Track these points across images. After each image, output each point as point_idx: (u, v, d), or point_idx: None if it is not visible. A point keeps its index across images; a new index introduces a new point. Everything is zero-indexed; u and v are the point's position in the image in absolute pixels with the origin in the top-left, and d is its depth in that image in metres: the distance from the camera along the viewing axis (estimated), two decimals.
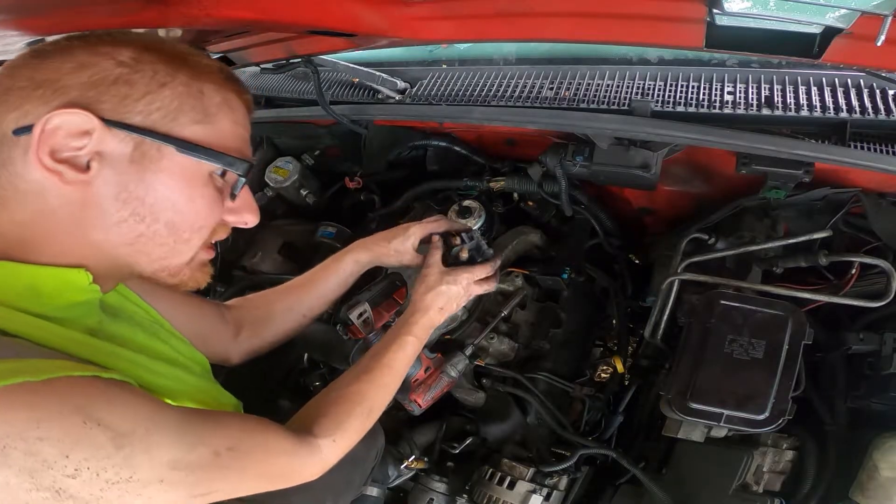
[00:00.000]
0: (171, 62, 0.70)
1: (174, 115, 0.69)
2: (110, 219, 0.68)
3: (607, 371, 1.39)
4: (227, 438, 0.71)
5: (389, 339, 1.05)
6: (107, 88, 0.65)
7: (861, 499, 0.99)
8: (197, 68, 0.72)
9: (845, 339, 1.13)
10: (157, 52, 0.70)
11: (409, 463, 1.36)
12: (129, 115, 0.66)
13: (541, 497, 1.20)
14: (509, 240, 1.54)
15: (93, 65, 0.66)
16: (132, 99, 0.66)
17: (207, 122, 0.72)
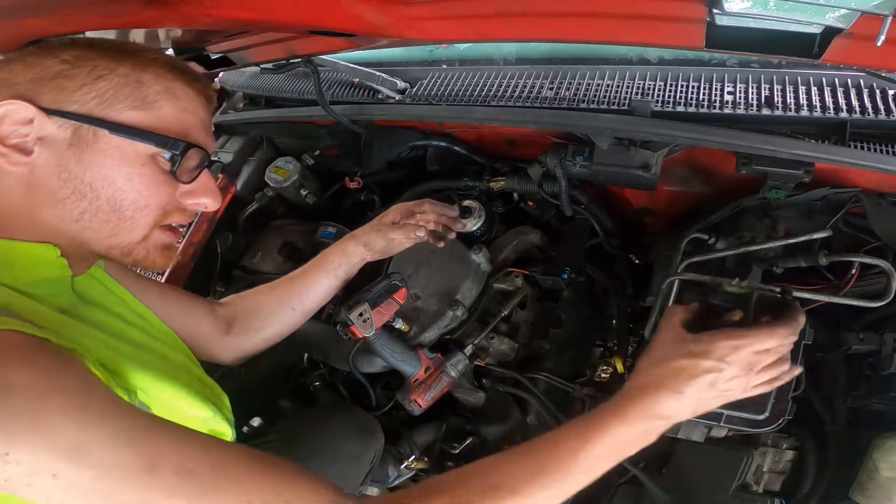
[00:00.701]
0: (112, 57, 0.77)
1: (109, 102, 0.75)
2: (55, 196, 0.74)
3: (607, 371, 1.39)
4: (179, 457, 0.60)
5: (585, 425, 0.75)
6: (48, 82, 0.74)
7: (861, 499, 0.99)
8: (139, 60, 0.78)
9: (845, 339, 1.13)
10: (101, 49, 0.77)
11: (409, 463, 1.37)
12: (67, 103, 0.74)
13: None
14: (509, 240, 1.55)
15: (38, 63, 0.75)
16: (70, 90, 0.74)
17: (145, 109, 0.77)
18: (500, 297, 1.50)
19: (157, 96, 0.79)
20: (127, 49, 0.79)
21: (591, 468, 0.74)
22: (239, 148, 1.85)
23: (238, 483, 0.62)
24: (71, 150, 0.74)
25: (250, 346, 1.18)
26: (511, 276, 1.49)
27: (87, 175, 0.75)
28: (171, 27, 1.01)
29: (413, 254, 1.53)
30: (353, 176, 1.73)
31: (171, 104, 0.80)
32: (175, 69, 0.81)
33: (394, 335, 1.37)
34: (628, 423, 0.78)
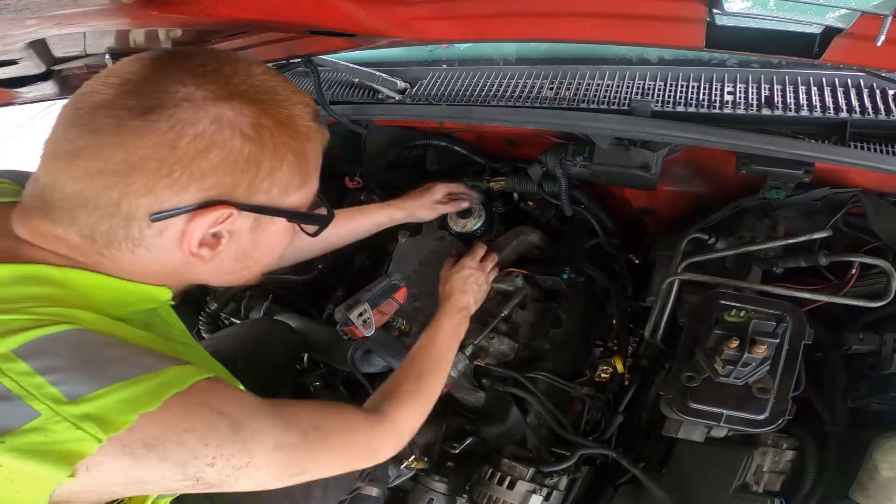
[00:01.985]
0: (282, 127, 0.72)
1: (286, 188, 0.74)
2: (223, 270, 0.78)
3: (607, 371, 1.39)
4: (310, 419, 0.81)
5: (433, 326, 1.20)
6: (240, 172, 0.69)
7: (861, 499, 0.99)
8: (300, 132, 0.74)
9: (845, 339, 1.13)
10: (270, 114, 0.71)
11: (409, 463, 1.36)
12: (256, 195, 0.72)
13: (541, 497, 1.21)
14: (509, 240, 1.54)
15: (217, 141, 0.67)
16: (259, 179, 0.71)
17: (306, 185, 0.78)
18: (500, 297, 1.50)
19: (314, 168, 0.78)
20: (285, 112, 0.73)
21: (447, 352, 1.18)
22: None
23: (335, 419, 0.87)
24: (251, 235, 0.76)
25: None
26: (511, 276, 1.49)
27: (258, 252, 0.78)
28: (171, 27, 1.01)
29: (413, 254, 1.53)
30: (353, 176, 1.72)
31: (318, 170, 0.80)
32: (321, 130, 0.79)
33: (394, 335, 1.37)
34: (450, 318, 1.22)
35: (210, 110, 0.66)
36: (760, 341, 0.99)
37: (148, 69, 0.67)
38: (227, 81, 0.68)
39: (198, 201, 0.67)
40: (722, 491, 1.03)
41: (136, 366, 0.64)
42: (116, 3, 0.76)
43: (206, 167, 0.66)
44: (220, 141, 0.66)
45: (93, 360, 0.62)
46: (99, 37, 1.02)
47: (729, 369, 1.01)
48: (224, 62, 0.71)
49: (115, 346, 0.66)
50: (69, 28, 0.84)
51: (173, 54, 0.70)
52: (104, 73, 0.69)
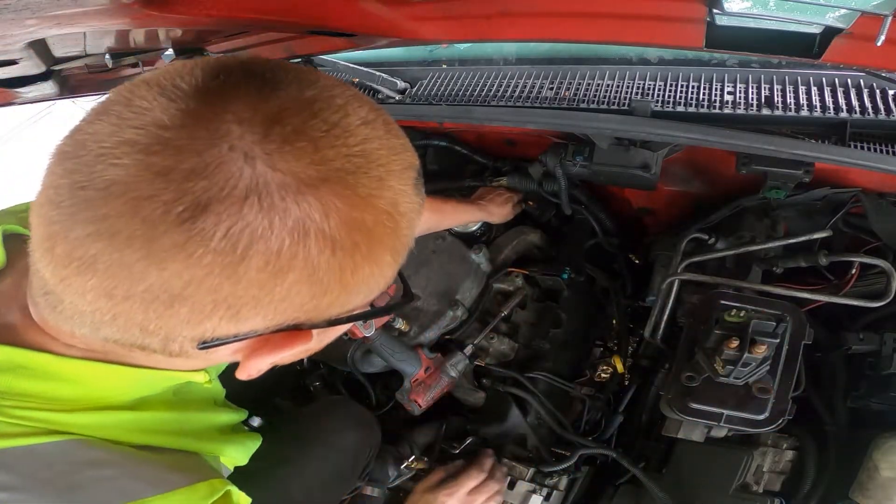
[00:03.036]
0: (384, 217, 0.49)
1: (372, 292, 0.55)
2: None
3: (607, 371, 1.39)
4: None
5: None
6: (322, 293, 0.48)
7: (861, 499, 0.99)
8: (403, 217, 0.51)
9: (845, 339, 1.13)
10: (369, 203, 0.47)
11: (409, 463, 1.36)
12: (336, 309, 0.52)
13: (541, 497, 1.20)
14: (509, 240, 1.55)
15: (297, 259, 0.45)
16: (346, 293, 0.51)
17: (393, 277, 0.58)
18: (500, 297, 1.50)
19: (407, 250, 0.57)
20: (393, 185, 0.49)
21: None
22: None
23: None
24: (314, 341, 0.57)
25: None
26: (511, 276, 1.49)
27: (315, 347, 0.60)
28: (171, 27, 1.01)
29: (413, 254, 1.52)
30: None
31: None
32: (420, 183, 0.55)
33: (394, 335, 1.37)
34: None
35: (291, 211, 0.43)
36: (760, 341, 0.99)
37: (192, 117, 0.42)
38: (317, 148, 0.44)
39: (264, 329, 0.49)
40: (722, 491, 1.03)
41: (114, 491, 0.53)
42: (116, 3, 0.76)
43: (280, 293, 0.46)
44: (302, 258, 0.45)
45: (61, 483, 0.51)
46: (99, 37, 1.02)
47: (729, 369, 1.01)
48: (311, 102, 0.45)
49: (100, 465, 0.54)
50: (69, 28, 0.84)
51: (233, 82, 0.44)
52: (121, 106, 0.43)
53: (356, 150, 0.46)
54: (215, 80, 0.44)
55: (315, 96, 0.45)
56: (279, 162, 0.42)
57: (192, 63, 0.46)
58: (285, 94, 0.44)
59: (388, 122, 0.50)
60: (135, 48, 1.17)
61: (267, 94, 0.44)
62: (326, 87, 0.47)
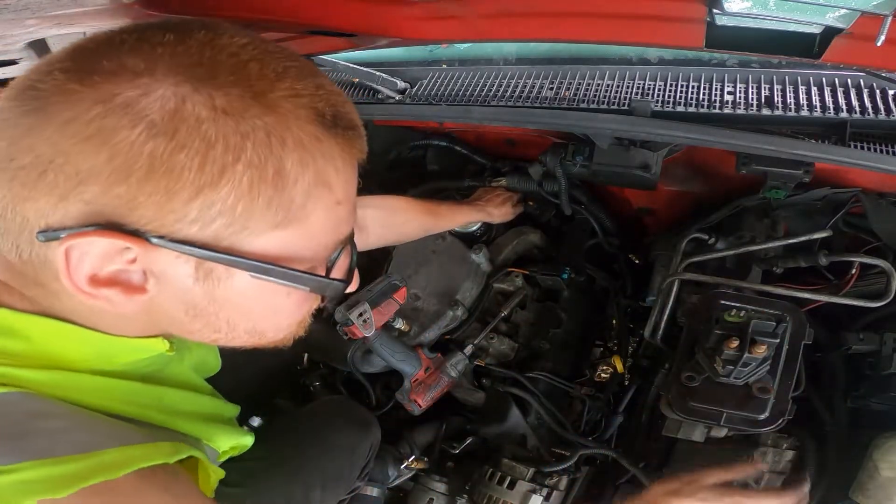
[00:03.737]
0: (235, 111, 0.46)
1: (241, 222, 0.49)
2: (183, 326, 0.58)
3: (607, 371, 1.39)
4: None
5: None
6: (139, 183, 0.45)
7: (861, 499, 0.99)
8: (277, 118, 0.48)
9: (845, 339, 1.13)
10: (225, 91, 0.46)
11: (409, 463, 1.37)
12: (176, 226, 0.47)
13: (541, 497, 1.20)
14: (509, 240, 1.55)
15: (107, 129, 0.44)
16: (178, 202, 0.46)
17: (290, 225, 0.51)
18: (500, 297, 1.50)
19: (306, 198, 0.51)
20: (251, 85, 0.48)
21: None
22: None
23: None
24: (198, 286, 0.53)
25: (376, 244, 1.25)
26: (511, 276, 1.49)
27: (223, 313, 0.56)
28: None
29: (413, 254, 1.53)
30: None
31: (322, 203, 0.52)
32: (325, 125, 0.51)
33: (394, 335, 1.37)
34: None
35: (136, 83, 0.45)
36: (760, 341, 0.99)
37: (109, 34, 0.49)
38: (199, 53, 0.48)
39: (79, 221, 0.46)
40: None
41: (66, 443, 0.51)
42: (116, 3, 0.76)
43: (86, 168, 0.44)
44: (112, 129, 0.43)
45: (10, 431, 0.50)
46: None
47: (729, 369, 1.01)
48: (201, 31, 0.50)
49: (51, 417, 0.53)
50: (69, 28, 0.84)
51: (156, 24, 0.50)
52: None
53: (230, 60, 0.49)
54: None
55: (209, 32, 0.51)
56: (157, 59, 0.47)
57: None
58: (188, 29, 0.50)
59: (291, 59, 0.52)
60: None
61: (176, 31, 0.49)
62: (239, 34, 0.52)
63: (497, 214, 1.49)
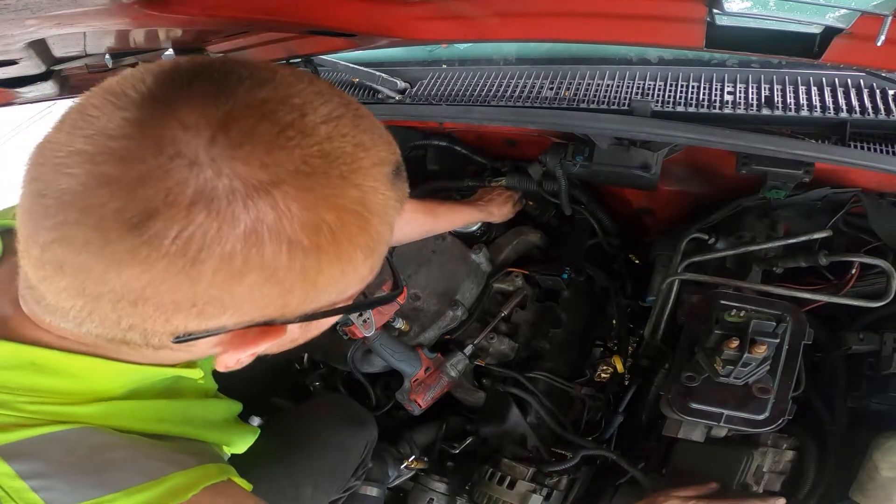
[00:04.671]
0: (350, 217, 0.48)
1: (349, 287, 0.55)
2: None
3: (607, 371, 1.39)
4: None
5: None
6: (288, 292, 0.48)
7: (861, 499, 0.99)
8: (374, 213, 0.50)
9: (845, 339, 1.13)
10: (333, 202, 0.47)
11: (409, 463, 1.37)
12: (310, 305, 0.52)
13: (541, 497, 1.20)
14: (509, 240, 1.55)
15: (253, 261, 0.45)
16: (316, 290, 0.50)
17: (374, 270, 0.56)
18: (500, 297, 1.50)
19: (387, 241, 0.56)
20: (362, 181, 0.48)
21: None
22: None
23: None
24: (299, 330, 0.60)
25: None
26: (511, 276, 1.49)
27: (304, 337, 0.63)
28: (171, 27, 1.01)
29: (413, 254, 1.53)
30: None
31: (391, 235, 0.57)
32: (399, 176, 0.54)
33: (394, 335, 1.37)
34: None
35: (240, 217, 0.43)
36: (760, 341, 0.99)
37: (137, 126, 0.42)
38: (269, 150, 0.43)
39: (234, 325, 0.50)
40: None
41: (136, 472, 0.56)
42: (116, 3, 0.76)
43: (241, 293, 0.46)
44: (258, 261, 0.45)
45: (86, 467, 0.54)
46: (99, 37, 1.02)
47: (729, 369, 1.01)
48: (262, 104, 0.44)
49: (113, 448, 0.57)
50: (69, 28, 0.84)
51: (181, 87, 0.44)
52: (76, 115, 0.45)
53: (314, 151, 0.45)
54: (163, 86, 0.44)
55: (267, 97, 0.45)
56: (225, 167, 0.42)
57: (146, 68, 0.46)
58: (235, 97, 0.44)
59: (357, 118, 0.49)
60: (135, 48, 1.17)
61: (215, 99, 0.43)
62: (282, 86, 0.46)
63: (498, 214, 1.49)
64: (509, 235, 1.56)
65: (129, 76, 0.46)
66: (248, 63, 0.48)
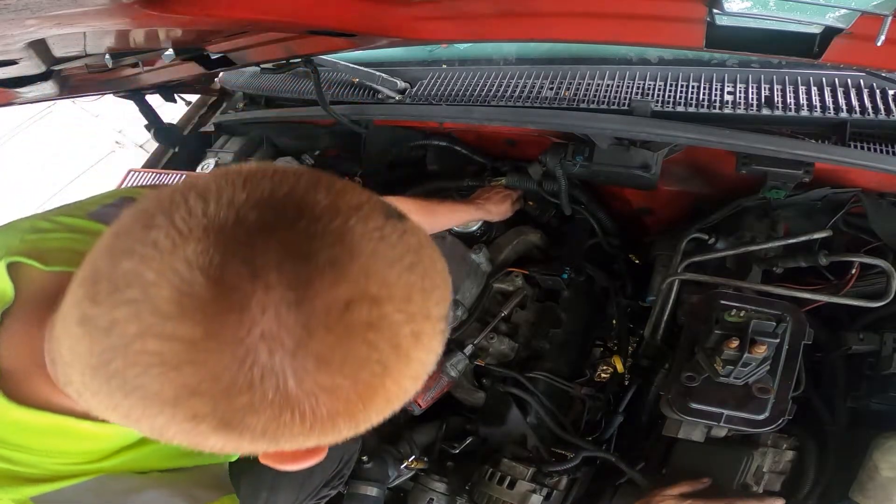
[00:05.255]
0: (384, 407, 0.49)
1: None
2: None
3: (607, 371, 1.39)
4: None
5: None
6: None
7: (861, 499, 0.99)
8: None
9: (845, 339, 1.13)
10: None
11: (409, 463, 1.36)
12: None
13: (541, 497, 1.20)
14: (509, 240, 1.55)
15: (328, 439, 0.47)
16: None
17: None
18: (500, 297, 1.50)
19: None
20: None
21: None
22: (239, 148, 1.85)
23: None
24: None
25: None
26: (511, 276, 1.49)
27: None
28: (171, 27, 1.01)
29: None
30: (353, 176, 1.72)
31: None
32: None
33: None
34: None
35: (318, 412, 0.44)
36: (760, 341, 0.99)
37: (214, 325, 0.40)
38: (343, 362, 0.44)
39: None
40: (722, 491, 1.03)
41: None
42: (116, 3, 0.76)
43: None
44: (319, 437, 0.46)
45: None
46: (99, 37, 1.02)
47: (729, 369, 1.01)
48: (346, 306, 0.42)
49: (141, 491, 0.63)
50: (69, 28, 0.84)
51: (250, 271, 0.41)
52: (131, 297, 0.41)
53: (382, 357, 0.44)
54: (231, 271, 0.40)
55: (351, 297, 0.42)
56: (308, 381, 0.42)
57: (203, 235, 0.41)
58: (314, 297, 0.41)
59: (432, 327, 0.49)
60: (135, 48, 1.17)
61: (292, 298, 0.40)
62: (364, 274, 0.43)
63: (496, 212, 1.49)
64: (509, 235, 1.56)
65: (184, 240, 0.41)
66: (328, 233, 0.43)
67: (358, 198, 0.46)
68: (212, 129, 2.03)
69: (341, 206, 0.44)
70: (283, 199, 0.44)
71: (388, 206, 0.48)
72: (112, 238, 0.44)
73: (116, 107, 4.35)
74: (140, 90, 1.80)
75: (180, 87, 1.90)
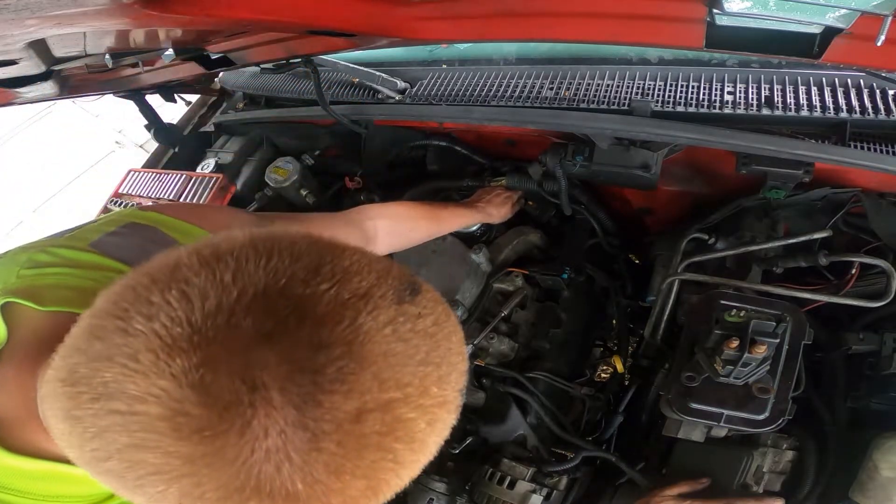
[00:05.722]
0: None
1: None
2: None
3: (607, 371, 1.39)
4: None
5: None
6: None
7: (861, 499, 0.99)
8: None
9: (845, 339, 1.13)
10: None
11: None
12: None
13: (541, 497, 1.20)
14: (509, 240, 1.55)
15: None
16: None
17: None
18: (500, 297, 1.50)
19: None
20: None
21: None
22: (239, 148, 1.85)
23: None
24: None
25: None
26: (511, 276, 1.49)
27: None
28: (171, 27, 1.01)
29: (413, 254, 1.53)
30: (353, 176, 1.72)
31: None
32: None
33: None
34: None
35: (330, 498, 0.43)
36: (760, 341, 0.99)
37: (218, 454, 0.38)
38: (356, 467, 0.42)
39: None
40: (722, 491, 1.03)
41: None
42: (116, 3, 0.76)
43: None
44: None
45: None
46: (99, 37, 1.02)
47: (729, 369, 1.01)
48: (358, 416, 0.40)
49: None
50: (69, 28, 0.84)
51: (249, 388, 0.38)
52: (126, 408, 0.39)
53: (397, 455, 0.43)
54: (229, 386, 0.37)
55: (361, 407, 0.40)
56: (317, 487, 0.40)
57: (190, 348, 0.38)
58: (323, 415, 0.39)
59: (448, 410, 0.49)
60: (135, 48, 1.17)
61: (299, 419, 0.38)
62: (375, 382, 0.41)
63: (497, 215, 1.49)
64: (509, 235, 1.56)
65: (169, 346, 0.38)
66: (330, 316, 0.40)
67: (366, 281, 0.42)
68: (212, 129, 2.03)
69: (347, 299, 0.41)
70: (279, 296, 0.40)
71: (399, 283, 0.44)
72: (88, 331, 0.41)
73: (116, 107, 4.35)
74: (140, 90, 1.80)
75: (180, 87, 1.90)
